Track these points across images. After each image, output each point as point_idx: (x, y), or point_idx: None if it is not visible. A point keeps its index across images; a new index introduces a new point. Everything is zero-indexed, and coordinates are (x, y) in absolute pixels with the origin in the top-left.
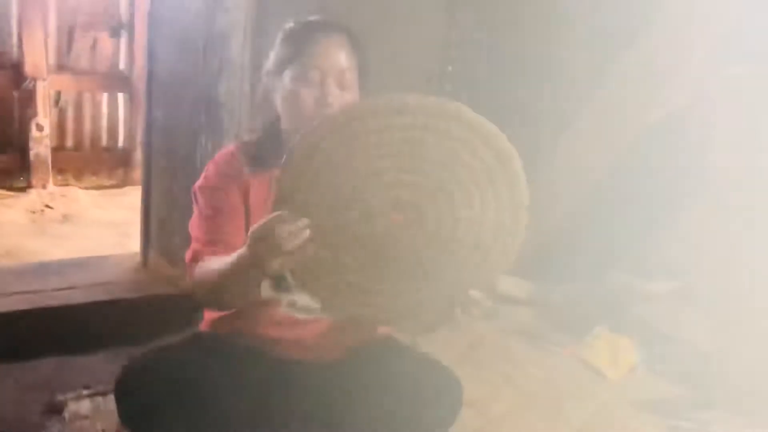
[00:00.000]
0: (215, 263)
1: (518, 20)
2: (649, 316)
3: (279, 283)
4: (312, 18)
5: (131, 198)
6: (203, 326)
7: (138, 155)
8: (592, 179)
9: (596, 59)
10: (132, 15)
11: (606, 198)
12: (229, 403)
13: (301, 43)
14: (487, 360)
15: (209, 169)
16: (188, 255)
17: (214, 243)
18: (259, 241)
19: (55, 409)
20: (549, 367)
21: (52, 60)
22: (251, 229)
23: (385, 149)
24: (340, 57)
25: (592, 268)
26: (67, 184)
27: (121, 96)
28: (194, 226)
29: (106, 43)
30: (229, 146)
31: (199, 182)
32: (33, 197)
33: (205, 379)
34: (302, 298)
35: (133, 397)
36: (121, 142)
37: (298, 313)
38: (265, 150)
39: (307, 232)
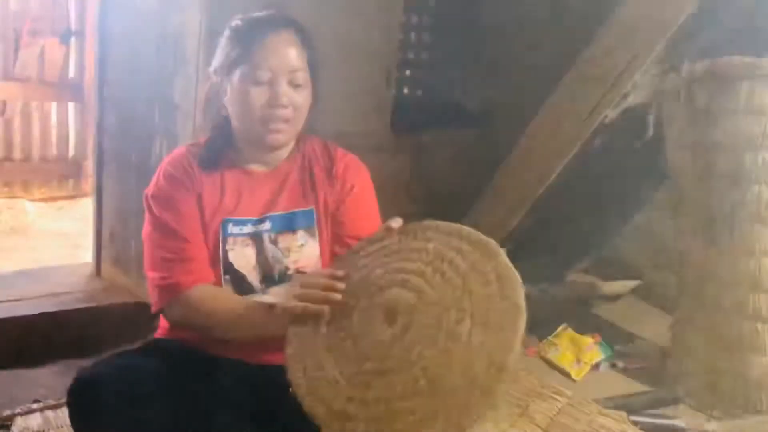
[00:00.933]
0: (221, 306)
1: (477, 19)
2: (609, 315)
3: (241, 285)
4: (259, 14)
5: (82, 209)
6: (159, 333)
7: (89, 165)
8: (551, 180)
9: (554, 57)
10: (83, 21)
11: (565, 199)
12: (187, 411)
13: (249, 41)
14: None
15: (161, 176)
16: (161, 279)
17: (188, 265)
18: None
19: (3, 425)
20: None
21: None
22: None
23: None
24: (291, 54)
25: (553, 269)
26: (14, 197)
27: (71, 105)
28: (151, 240)
29: (54, 50)
30: (181, 148)
31: (151, 189)
32: None
33: (161, 386)
34: (266, 298)
35: (86, 406)
36: (71, 152)
37: None
38: (216, 150)
39: (342, 286)
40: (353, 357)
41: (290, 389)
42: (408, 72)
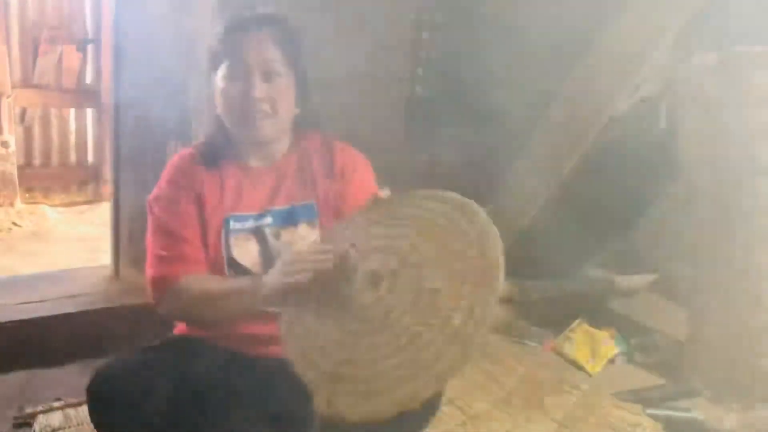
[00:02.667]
0: (208, 287)
1: (486, 17)
2: (626, 310)
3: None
4: (242, 13)
5: (101, 213)
6: (177, 330)
7: (107, 170)
8: (565, 174)
9: (565, 50)
10: (99, 28)
11: (579, 193)
12: (204, 405)
13: (228, 39)
14: None
15: (162, 179)
16: (153, 273)
17: (170, 261)
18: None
19: (25, 422)
20: (529, 363)
21: (16, 76)
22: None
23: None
24: (265, 49)
25: (569, 264)
26: (35, 202)
27: (89, 111)
28: (151, 241)
29: (72, 57)
30: (186, 149)
31: (153, 193)
32: (0, 216)
33: (178, 381)
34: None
35: (104, 401)
36: (90, 158)
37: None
38: (214, 148)
39: (331, 258)
40: (340, 322)
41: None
42: (420, 71)
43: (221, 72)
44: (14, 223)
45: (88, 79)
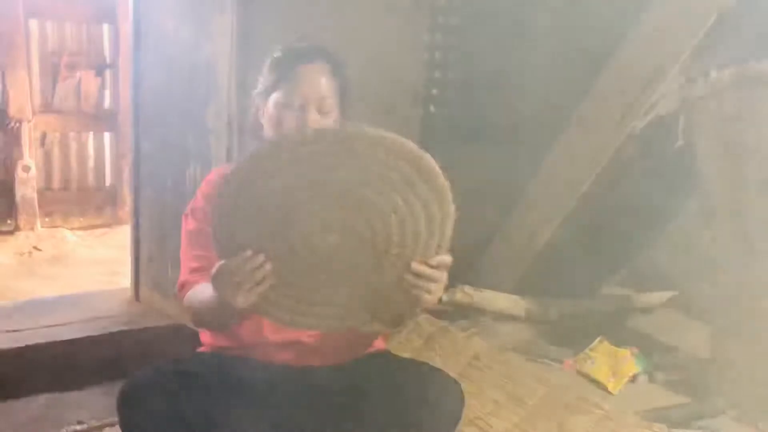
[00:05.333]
0: (198, 294)
1: (502, 37)
2: (646, 327)
3: None
4: (297, 45)
5: (120, 236)
6: (203, 348)
7: (125, 194)
8: (583, 191)
9: (581, 69)
10: (116, 53)
11: (597, 211)
12: (231, 416)
13: (285, 69)
14: (488, 377)
15: (197, 194)
16: (181, 280)
17: (199, 271)
18: (220, 279)
19: None
20: (549, 382)
21: (36, 101)
22: (211, 271)
23: (308, 176)
24: (321, 84)
25: (587, 282)
26: (54, 226)
27: (107, 135)
28: (182, 251)
29: (90, 82)
30: (219, 169)
31: (189, 206)
32: (21, 240)
33: (206, 392)
34: None
35: (135, 411)
36: (108, 181)
37: None
38: None
39: (269, 266)
40: (299, 267)
41: None
42: (435, 91)
43: (277, 99)
44: (35, 247)
45: (106, 103)
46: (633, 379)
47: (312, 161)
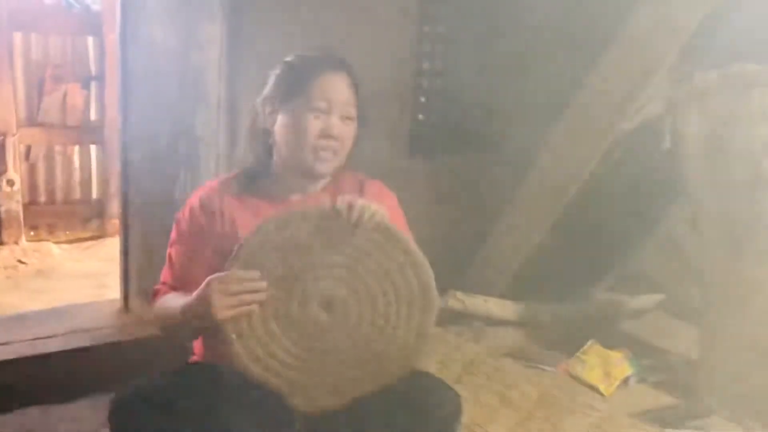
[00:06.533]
0: (167, 302)
1: (489, 44)
2: (636, 331)
3: None
4: (315, 53)
5: (107, 249)
6: (193, 358)
7: (112, 206)
8: (570, 197)
9: (567, 74)
10: (102, 65)
11: (586, 215)
12: (225, 428)
13: (308, 75)
14: (482, 382)
15: (187, 209)
16: (153, 288)
17: (176, 285)
18: (214, 283)
19: None
20: (543, 385)
21: (21, 114)
22: (210, 277)
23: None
24: (345, 91)
25: (577, 286)
26: (40, 239)
27: (93, 147)
28: (168, 257)
29: (76, 94)
30: (213, 181)
31: (180, 214)
32: (5, 253)
33: (199, 404)
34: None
35: (127, 424)
36: (94, 194)
37: None
38: (254, 178)
39: (264, 296)
40: (297, 339)
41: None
42: (423, 99)
43: (297, 105)
44: (20, 261)
45: (93, 116)
46: (625, 381)
47: (330, 237)
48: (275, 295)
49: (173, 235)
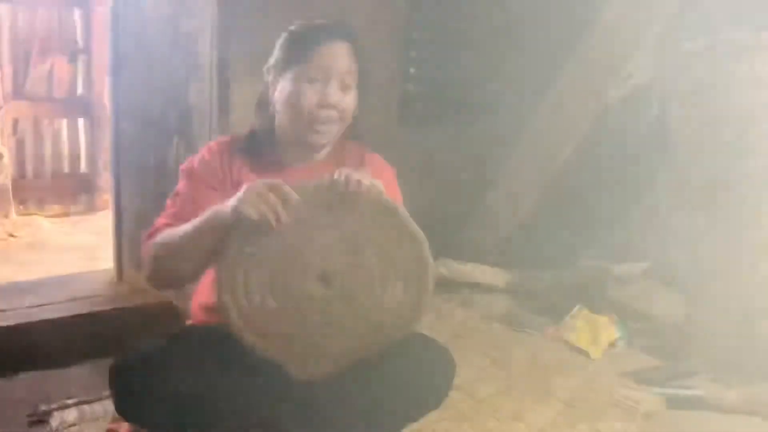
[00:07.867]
0: (175, 231)
1: (478, 13)
2: (623, 297)
3: None
4: (318, 21)
5: (97, 222)
6: (191, 321)
7: (101, 179)
8: (558, 165)
9: (555, 40)
10: (89, 37)
11: (574, 183)
12: (222, 389)
13: (308, 44)
14: (472, 346)
15: (199, 156)
16: (151, 227)
17: (173, 216)
18: (251, 189)
19: (40, 420)
20: (533, 349)
21: (8, 88)
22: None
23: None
24: (344, 60)
25: (565, 254)
26: (29, 213)
27: (81, 121)
28: (174, 195)
29: (63, 68)
30: (225, 137)
31: (186, 164)
32: None
33: (199, 365)
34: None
35: (128, 386)
36: (83, 168)
37: None
38: (258, 143)
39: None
40: (294, 312)
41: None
42: (412, 70)
43: (297, 72)
44: (10, 234)
45: (80, 89)
46: (613, 345)
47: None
48: (274, 267)
49: (183, 170)
